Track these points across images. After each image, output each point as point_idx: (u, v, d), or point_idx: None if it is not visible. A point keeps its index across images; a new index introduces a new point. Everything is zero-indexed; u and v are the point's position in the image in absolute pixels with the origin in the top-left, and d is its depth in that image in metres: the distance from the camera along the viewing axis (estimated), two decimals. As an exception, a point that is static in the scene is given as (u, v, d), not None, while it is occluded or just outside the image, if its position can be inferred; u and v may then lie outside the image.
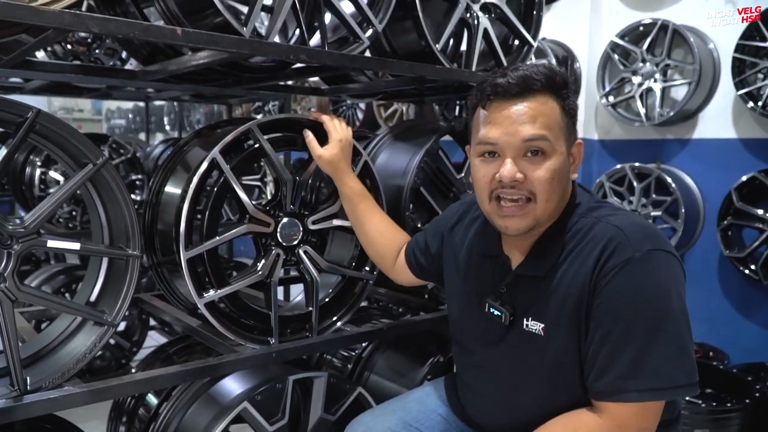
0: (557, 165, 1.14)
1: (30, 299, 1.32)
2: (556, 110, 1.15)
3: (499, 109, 1.15)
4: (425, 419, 1.49)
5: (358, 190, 1.62)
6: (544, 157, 1.13)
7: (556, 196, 1.16)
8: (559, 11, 3.86)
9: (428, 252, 1.53)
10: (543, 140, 1.12)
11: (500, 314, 1.25)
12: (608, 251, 1.10)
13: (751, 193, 3.01)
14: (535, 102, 1.13)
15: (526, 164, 1.14)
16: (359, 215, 1.63)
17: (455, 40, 1.98)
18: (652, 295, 1.07)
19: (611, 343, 1.09)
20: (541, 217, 1.17)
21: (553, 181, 1.14)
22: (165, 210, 1.66)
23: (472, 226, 1.41)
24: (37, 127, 1.24)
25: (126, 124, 8.57)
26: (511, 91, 1.13)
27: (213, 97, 3.30)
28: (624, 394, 1.07)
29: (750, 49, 2.98)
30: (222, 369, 1.51)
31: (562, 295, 1.15)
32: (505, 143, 1.14)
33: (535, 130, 1.12)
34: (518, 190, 1.14)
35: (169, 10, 1.49)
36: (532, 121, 1.12)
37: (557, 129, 1.14)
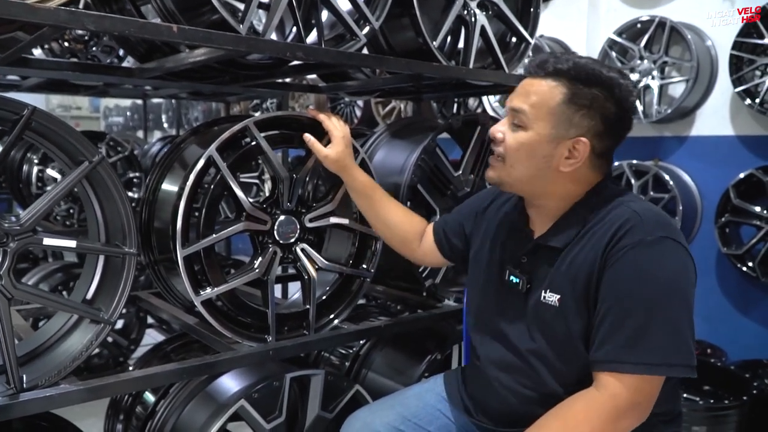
0: (528, 140, 1.23)
1: (26, 297, 1.32)
2: (555, 96, 1.21)
3: (521, 82, 1.29)
4: (424, 414, 1.49)
5: (368, 183, 1.63)
6: (521, 129, 1.24)
7: (523, 167, 1.25)
8: (556, 8, 3.86)
9: (462, 233, 1.56)
10: (521, 113, 1.24)
11: (518, 281, 1.31)
12: (622, 231, 1.16)
13: (749, 190, 3.01)
14: (540, 83, 1.23)
15: (509, 129, 1.27)
16: (375, 206, 1.63)
17: (452, 37, 1.97)
18: (656, 277, 1.12)
19: (613, 317, 1.14)
20: (506, 179, 1.29)
21: (519, 151, 1.24)
22: (162, 207, 1.66)
23: (504, 206, 1.48)
24: (32, 124, 1.24)
25: (124, 121, 8.56)
26: (530, 69, 1.26)
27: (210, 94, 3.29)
28: (619, 365, 1.12)
29: (747, 46, 2.98)
30: (219, 367, 1.51)
31: (576, 271, 1.21)
32: (507, 108, 1.29)
33: (518, 104, 1.25)
34: (495, 146, 1.30)
35: (165, 8, 1.49)
36: (524, 96, 1.25)
37: (544, 112, 1.22)
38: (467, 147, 2.01)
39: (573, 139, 1.21)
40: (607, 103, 1.21)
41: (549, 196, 1.29)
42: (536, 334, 1.27)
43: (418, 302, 2.04)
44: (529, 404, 1.29)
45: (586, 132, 1.21)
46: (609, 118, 1.22)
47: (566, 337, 1.22)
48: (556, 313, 1.23)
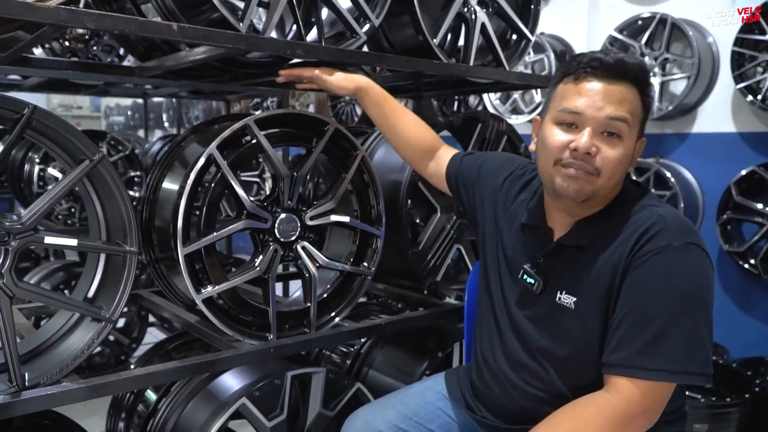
0: (626, 150, 1.19)
1: (28, 295, 1.32)
2: (639, 102, 1.19)
3: (591, 83, 1.19)
4: (425, 413, 1.49)
5: (381, 93, 1.65)
6: (619, 140, 1.18)
7: (616, 178, 1.20)
8: (557, 5, 3.86)
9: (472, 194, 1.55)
10: (623, 123, 1.17)
11: (533, 282, 1.29)
12: (648, 235, 1.15)
13: (751, 187, 3.01)
14: (624, 87, 1.18)
15: (600, 142, 1.18)
16: (389, 114, 1.64)
17: (453, 34, 1.97)
18: (681, 283, 1.11)
19: (632, 321, 1.13)
20: (599, 191, 1.20)
21: (620, 164, 1.19)
22: (162, 206, 1.66)
23: (519, 195, 1.44)
24: (33, 123, 1.24)
25: (125, 120, 8.57)
26: (609, 70, 1.18)
27: (211, 93, 3.29)
28: (636, 371, 1.11)
29: (749, 42, 2.97)
30: (220, 365, 1.51)
31: (598, 271, 1.19)
32: (590, 116, 1.17)
33: (620, 112, 1.17)
34: (586, 163, 1.18)
35: (165, 6, 1.49)
36: (620, 103, 1.17)
37: (636, 118, 1.19)
38: (468, 144, 2.01)
39: (638, 141, 1.23)
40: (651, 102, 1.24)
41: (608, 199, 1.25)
42: (549, 334, 1.27)
43: (419, 300, 2.04)
44: (536, 403, 1.28)
45: (641, 131, 1.23)
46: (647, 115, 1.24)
47: (580, 339, 1.21)
48: (572, 315, 1.22)
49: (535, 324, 1.30)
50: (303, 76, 1.64)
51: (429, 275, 1.98)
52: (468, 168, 1.58)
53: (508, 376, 1.34)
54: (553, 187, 1.23)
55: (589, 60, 1.19)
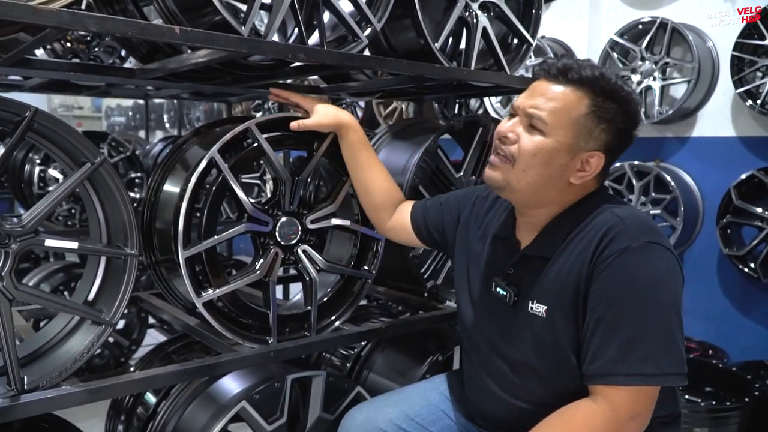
0: (546, 147, 1.19)
1: (27, 298, 1.32)
2: (580, 107, 1.19)
3: (536, 83, 1.25)
4: (427, 414, 1.49)
5: (362, 138, 1.64)
6: (539, 134, 1.20)
7: (535, 173, 1.21)
8: (558, 9, 3.86)
9: (442, 230, 1.56)
10: (539, 120, 1.19)
11: (505, 294, 1.30)
12: (607, 239, 1.15)
13: (750, 191, 3.01)
14: (563, 90, 1.20)
15: (524, 131, 1.22)
16: (361, 162, 1.64)
17: (454, 38, 1.97)
18: (645, 283, 1.11)
19: (604, 328, 1.12)
20: (513, 182, 1.23)
21: (535, 156, 1.20)
22: (163, 209, 1.66)
23: (489, 214, 1.46)
24: (34, 125, 1.24)
25: (126, 121, 8.57)
26: (550, 71, 1.22)
27: (212, 95, 3.29)
28: (614, 377, 1.11)
29: (749, 47, 2.98)
30: (220, 368, 1.51)
31: (563, 280, 1.20)
32: (519, 108, 1.24)
33: (537, 108, 1.20)
34: (505, 146, 1.23)
35: (167, 9, 1.49)
36: (548, 99, 1.20)
37: (566, 120, 1.19)
38: (469, 148, 2.01)
39: (589, 153, 1.20)
40: (622, 118, 1.21)
41: (545, 205, 1.26)
42: (525, 345, 1.26)
43: (419, 303, 2.04)
44: (523, 414, 1.28)
45: (602, 146, 1.21)
46: (622, 134, 1.22)
47: (555, 348, 1.21)
48: (544, 324, 1.22)
49: (511, 336, 1.29)
50: (290, 101, 1.64)
51: (429, 278, 1.98)
52: (434, 208, 1.60)
53: (493, 390, 1.35)
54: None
55: (539, 64, 1.28)
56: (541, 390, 1.25)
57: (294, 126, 1.57)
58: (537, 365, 1.25)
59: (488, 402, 1.37)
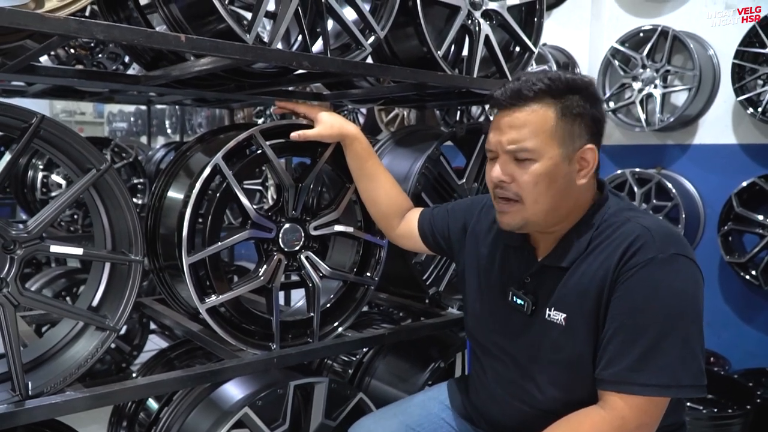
0: (544, 170, 1.18)
1: (32, 304, 1.33)
2: (549, 117, 1.18)
3: (497, 118, 1.25)
4: (428, 423, 1.49)
5: (367, 147, 1.64)
6: (531, 162, 1.19)
7: (546, 198, 1.20)
8: (559, 17, 3.88)
9: (448, 237, 1.56)
10: (523, 150, 1.19)
11: (523, 303, 1.29)
12: (634, 248, 1.14)
13: (752, 198, 3.02)
14: (526, 111, 1.19)
15: (514, 168, 1.21)
16: (367, 171, 1.64)
17: (457, 46, 1.98)
18: (670, 295, 1.11)
19: (623, 336, 1.12)
20: (531, 217, 1.22)
21: (538, 185, 1.19)
22: (167, 215, 1.67)
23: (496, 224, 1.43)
24: (41, 132, 1.25)
25: (128, 127, 8.59)
26: (503, 103, 1.22)
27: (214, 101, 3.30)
28: (628, 386, 1.10)
29: (749, 55, 2.99)
30: (223, 374, 1.51)
31: (585, 287, 1.19)
32: (496, 149, 1.24)
33: (516, 142, 1.19)
34: (505, 190, 1.23)
35: (172, 16, 1.50)
36: (517, 130, 1.19)
37: (546, 136, 1.18)
38: (471, 155, 2.02)
39: (580, 150, 1.21)
40: (587, 103, 1.21)
41: (565, 218, 1.25)
42: (541, 352, 1.26)
43: (421, 310, 2.04)
44: (530, 420, 1.28)
45: (587, 138, 1.22)
46: (595, 116, 1.23)
47: (572, 355, 1.21)
48: (563, 332, 1.22)
49: (527, 343, 1.29)
50: (296, 112, 1.64)
51: (432, 285, 1.98)
52: (440, 216, 1.60)
53: (501, 395, 1.35)
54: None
55: (490, 100, 1.26)
56: (552, 397, 1.25)
57: (294, 136, 1.57)
58: (551, 372, 1.25)
59: (495, 406, 1.37)
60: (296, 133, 1.57)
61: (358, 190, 1.69)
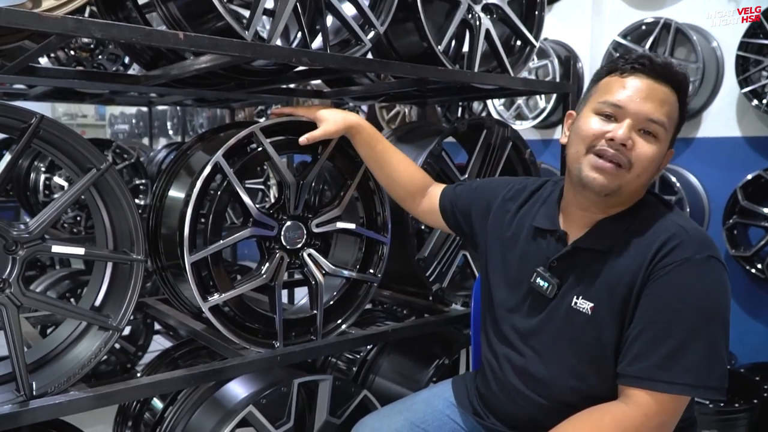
0: (660, 152, 1.20)
1: (35, 304, 1.33)
2: (677, 109, 1.21)
3: (637, 80, 1.20)
4: (432, 420, 1.48)
5: (374, 132, 1.64)
6: (655, 140, 1.19)
7: (646, 177, 1.21)
8: (561, 11, 3.86)
9: (469, 218, 1.55)
10: (661, 126, 1.18)
11: (547, 285, 1.27)
12: (669, 246, 1.14)
13: (757, 191, 3.00)
14: (669, 91, 1.20)
15: (636, 137, 1.18)
16: (380, 155, 1.64)
17: (457, 41, 1.98)
18: (702, 297, 1.11)
19: (652, 333, 1.12)
20: (626, 187, 1.20)
21: (652, 162, 1.19)
22: (169, 214, 1.66)
23: (526, 204, 1.43)
24: (40, 132, 1.25)
25: (129, 128, 8.61)
26: (655, 70, 1.19)
27: (215, 101, 3.30)
28: (654, 383, 1.10)
29: (753, 46, 2.97)
30: (227, 373, 1.51)
31: (616, 279, 1.18)
32: (631, 110, 1.18)
33: (660, 115, 1.18)
34: (621, 153, 1.18)
35: (171, 15, 1.50)
36: (661, 104, 1.18)
37: (672, 124, 1.21)
38: (473, 151, 2.01)
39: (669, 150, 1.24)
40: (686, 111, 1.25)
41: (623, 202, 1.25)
42: (561, 341, 1.25)
43: (424, 307, 2.03)
44: (543, 412, 1.28)
45: (673, 140, 1.24)
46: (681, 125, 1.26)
47: (595, 346, 1.20)
48: (588, 321, 1.21)
49: (547, 330, 1.28)
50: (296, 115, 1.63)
51: (435, 282, 1.98)
52: (464, 194, 1.58)
53: (515, 385, 1.33)
54: (580, 176, 1.22)
55: (638, 57, 1.21)
56: (568, 387, 1.24)
57: (303, 141, 1.57)
58: (570, 361, 1.24)
59: (508, 398, 1.35)
60: (304, 138, 1.57)
61: (375, 177, 1.69)
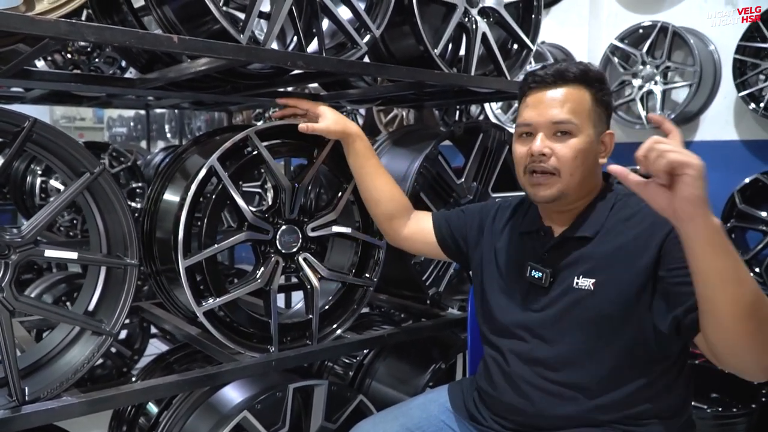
0: (582, 145, 1.28)
1: (27, 309, 1.32)
2: (587, 99, 1.30)
3: (535, 95, 1.33)
4: (428, 425, 1.48)
5: (369, 146, 1.66)
6: (570, 137, 1.28)
7: (580, 172, 1.29)
8: (557, 14, 3.87)
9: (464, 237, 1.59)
10: (568, 123, 1.28)
11: (541, 276, 1.34)
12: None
13: (754, 195, 3.00)
14: (567, 90, 1.30)
15: (554, 142, 1.29)
16: (369, 171, 1.64)
17: (454, 44, 1.97)
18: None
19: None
20: (566, 189, 1.30)
21: (576, 159, 1.28)
22: (163, 218, 1.66)
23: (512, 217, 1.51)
24: (33, 136, 1.24)
25: (127, 132, 8.60)
26: (546, 80, 1.31)
27: (213, 104, 3.30)
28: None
29: (750, 50, 2.97)
30: (221, 378, 1.50)
31: (614, 252, 1.26)
32: (537, 123, 1.31)
33: (563, 114, 1.28)
34: (545, 164, 1.29)
35: (166, 18, 1.49)
36: (561, 106, 1.29)
37: (585, 115, 1.29)
38: (470, 154, 2.01)
39: (603, 134, 1.33)
40: (608, 96, 1.35)
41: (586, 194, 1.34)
42: (566, 322, 1.29)
43: (421, 311, 2.03)
44: (549, 398, 1.29)
45: (607, 125, 1.35)
46: (611, 108, 1.37)
47: (600, 319, 1.24)
48: (590, 296, 1.26)
49: (551, 315, 1.32)
50: (299, 107, 1.64)
51: (431, 286, 1.97)
52: (455, 216, 1.63)
53: (523, 374, 1.34)
54: (529, 195, 1.36)
55: (531, 77, 1.34)
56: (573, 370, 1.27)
57: (303, 128, 1.58)
58: (578, 339, 1.27)
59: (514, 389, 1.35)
60: (304, 125, 1.59)
61: (359, 189, 1.69)
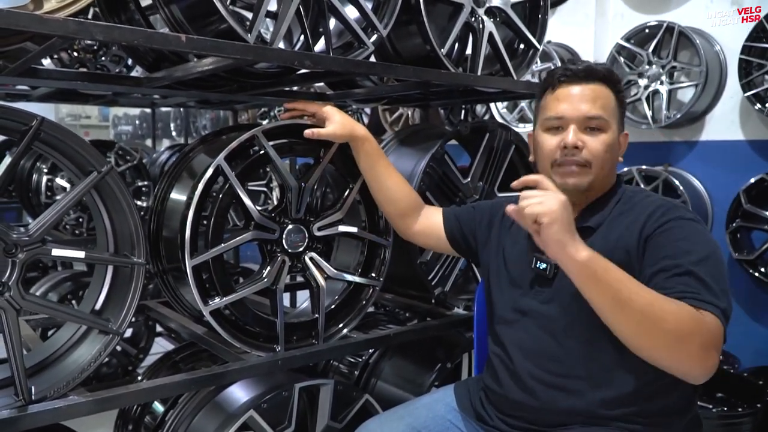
0: (610, 140, 1.35)
1: (34, 308, 1.32)
2: (612, 98, 1.37)
3: (565, 89, 1.37)
4: (434, 425, 1.47)
5: (377, 147, 1.67)
6: (601, 132, 1.35)
7: (608, 165, 1.36)
8: (564, 14, 3.85)
9: (474, 232, 1.61)
10: (600, 119, 1.34)
11: (546, 266, 1.38)
12: (661, 210, 1.28)
13: (760, 194, 2.98)
14: (596, 86, 1.36)
15: (585, 136, 1.35)
16: (380, 171, 1.66)
17: (460, 44, 1.97)
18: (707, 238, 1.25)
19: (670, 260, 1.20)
20: (595, 180, 1.35)
21: (606, 152, 1.35)
22: (170, 217, 1.66)
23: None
24: (41, 135, 1.24)
25: (133, 130, 8.62)
26: (577, 75, 1.36)
27: (218, 103, 3.29)
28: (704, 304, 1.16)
29: (756, 50, 2.96)
30: (227, 377, 1.50)
31: (612, 246, 1.29)
32: (570, 117, 1.35)
33: (595, 110, 1.34)
34: (576, 156, 1.34)
35: (173, 17, 1.49)
36: (593, 102, 1.34)
37: (611, 113, 1.36)
38: (476, 154, 2.00)
39: (621, 134, 1.40)
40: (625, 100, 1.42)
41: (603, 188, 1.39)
42: (570, 314, 1.30)
43: (427, 310, 2.02)
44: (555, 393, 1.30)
45: (621, 125, 1.40)
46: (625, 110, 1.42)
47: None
48: None
49: (556, 306, 1.34)
50: (307, 111, 1.64)
51: (437, 285, 1.97)
52: (465, 212, 1.66)
53: (528, 369, 1.35)
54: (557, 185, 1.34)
55: (562, 71, 1.39)
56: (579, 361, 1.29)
57: (308, 134, 1.58)
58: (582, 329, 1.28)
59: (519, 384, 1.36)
60: (310, 131, 1.59)
61: (371, 190, 1.69)
